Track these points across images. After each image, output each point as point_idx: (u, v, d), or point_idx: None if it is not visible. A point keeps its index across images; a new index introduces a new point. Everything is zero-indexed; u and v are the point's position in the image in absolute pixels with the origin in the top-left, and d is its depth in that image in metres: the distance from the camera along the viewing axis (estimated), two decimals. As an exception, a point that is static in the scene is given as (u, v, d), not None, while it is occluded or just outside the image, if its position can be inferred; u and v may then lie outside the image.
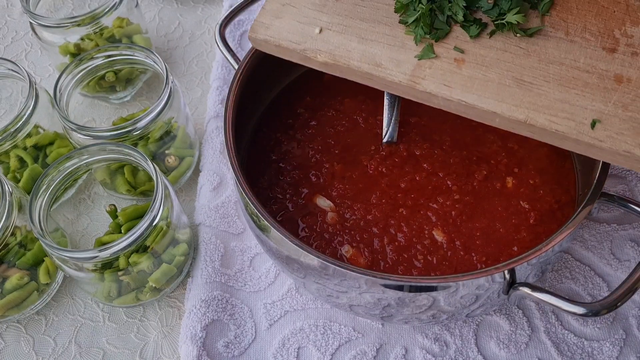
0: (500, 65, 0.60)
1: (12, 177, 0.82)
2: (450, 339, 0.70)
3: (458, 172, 0.71)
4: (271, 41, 0.66)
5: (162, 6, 1.10)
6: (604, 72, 0.58)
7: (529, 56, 0.60)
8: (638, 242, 0.75)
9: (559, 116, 0.57)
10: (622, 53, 0.58)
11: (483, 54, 0.61)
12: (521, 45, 0.60)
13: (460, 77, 0.60)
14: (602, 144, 0.55)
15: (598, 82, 0.57)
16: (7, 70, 0.83)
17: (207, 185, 0.83)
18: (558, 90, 0.58)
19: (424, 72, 0.61)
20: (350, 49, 0.63)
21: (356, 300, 0.61)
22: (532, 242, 0.65)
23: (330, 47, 0.63)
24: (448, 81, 0.60)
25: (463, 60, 0.60)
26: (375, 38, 0.63)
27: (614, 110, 0.56)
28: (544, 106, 0.57)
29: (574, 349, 0.68)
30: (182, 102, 0.82)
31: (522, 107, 0.58)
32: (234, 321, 0.72)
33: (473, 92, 0.59)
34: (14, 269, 0.73)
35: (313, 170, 0.73)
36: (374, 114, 0.76)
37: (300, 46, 0.64)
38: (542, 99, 0.58)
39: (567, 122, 0.56)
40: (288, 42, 0.65)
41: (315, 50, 0.64)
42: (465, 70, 0.60)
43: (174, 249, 0.74)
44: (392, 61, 0.62)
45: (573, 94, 0.57)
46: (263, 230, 0.63)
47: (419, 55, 0.61)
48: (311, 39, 0.64)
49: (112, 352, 0.73)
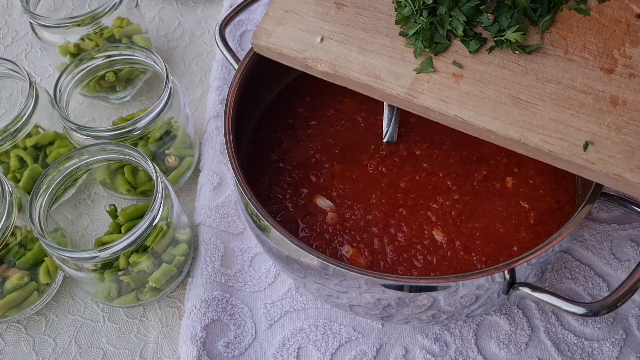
0: (497, 82, 0.60)
1: (12, 177, 0.82)
2: (450, 339, 0.70)
3: (458, 172, 0.71)
4: (273, 48, 0.66)
5: (162, 6, 1.10)
6: (600, 93, 0.57)
7: (527, 74, 0.59)
8: (638, 242, 0.75)
9: (553, 136, 0.57)
10: (620, 74, 0.58)
11: (481, 69, 0.60)
12: (519, 62, 0.60)
13: (458, 93, 0.60)
14: (594, 166, 0.56)
15: (594, 103, 0.57)
16: (7, 70, 0.83)
17: (207, 185, 0.83)
18: (553, 110, 0.58)
19: (422, 86, 0.61)
20: (351, 59, 0.63)
21: (356, 300, 0.61)
22: (532, 242, 0.65)
23: (330, 57, 0.64)
24: (445, 96, 0.60)
25: (461, 76, 0.60)
26: (375, 49, 0.63)
27: (607, 133, 0.56)
28: (539, 126, 0.58)
29: (574, 349, 0.68)
30: (182, 102, 0.82)
31: (517, 125, 0.58)
32: (234, 321, 0.72)
33: (469, 108, 0.59)
34: (14, 269, 0.73)
35: (313, 170, 0.73)
36: (374, 113, 0.76)
37: (301, 55, 0.65)
38: (537, 118, 0.58)
39: (560, 143, 0.57)
40: (289, 50, 0.65)
41: (316, 59, 0.64)
42: (463, 85, 0.60)
43: (174, 249, 0.74)
44: (391, 74, 0.62)
45: (568, 114, 0.57)
46: (263, 230, 0.63)
47: (418, 68, 0.62)
48: (312, 48, 0.65)
49: (112, 352, 0.73)
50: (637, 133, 0.55)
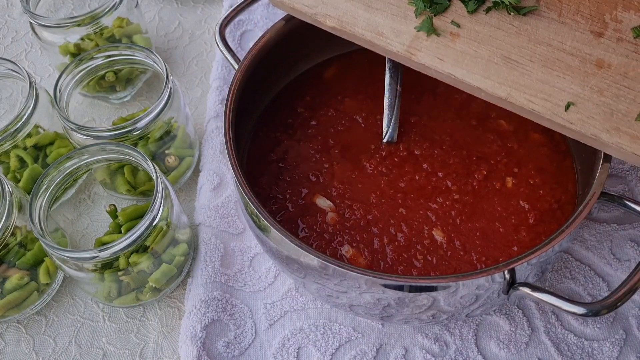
0: (491, 42, 0.62)
1: (12, 177, 0.82)
2: (450, 339, 0.70)
3: (458, 172, 0.71)
4: (287, 3, 0.70)
5: (162, 6, 1.10)
6: (587, 55, 0.59)
7: (520, 35, 0.62)
8: (638, 242, 0.75)
9: (538, 96, 0.60)
10: (608, 38, 0.59)
11: (477, 29, 0.63)
12: (514, 23, 0.62)
13: (453, 52, 0.63)
14: (572, 126, 0.58)
15: (580, 65, 0.59)
16: (7, 70, 0.83)
17: (207, 185, 0.83)
18: (541, 71, 0.60)
19: (420, 44, 0.63)
20: (357, 16, 0.66)
21: (356, 300, 0.61)
22: (532, 242, 0.65)
23: (338, 13, 0.67)
24: (441, 54, 0.63)
25: (458, 35, 0.63)
26: (380, 7, 0.66)
27: (590, 95, 0.58)
28: (526, 85, 0.60)
29: (574, 349, 0.68)
30: (182, 102, 0.82)
31: (505, 85, 0.61)
32: (234, 321, 0.72)
33: (463, 67, 0.62)
34: (14, 269, 0.73)
35: (313, 170, 0.73)
36: (374, 113, 0.76)
37: (312, 10, 0.68)
38: (525, 79, 0.60)
39: (543, 103, 0.59)
40: (301, 5, 0.69)
41: (324, 15, 0.67)
42: (459, 45, 0.63)
43: (174, 249, 0.74)
44: (393, 31, 0.65)
45: (554, 75, 0.60)
46: (263, 230, 0.63)
47: (418, 27, 0.64)
48: (322, 4, 0.68)
49: (112, 352, 0.73)
50: (618, 96, 0.58)
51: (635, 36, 0.59)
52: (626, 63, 0.58)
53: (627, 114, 0.57)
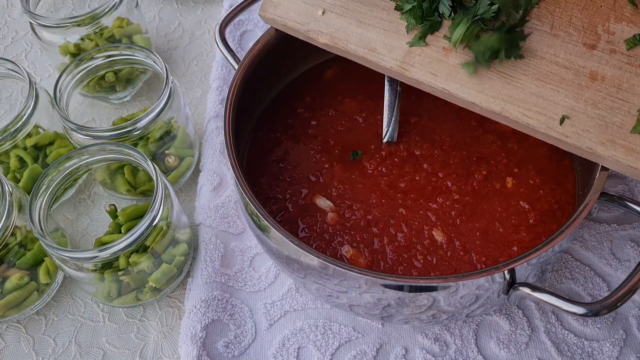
0: None
1: (12, 177, 0.82)
2: (450, 339, 0.70)
3: (458, 172, 0.71)
4: (279, 20, 0.70)
5: (162, 6, 1.10)
6: (580, 68, 0.59)
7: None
8: (638, 242, 0.75)
9: (532, 110, 0.60)
10: (601, 50, 0.59)
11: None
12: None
13: (446, 66, 0.63)
14: (568, 139, 0.59)
15: (573, 78, 0.59)
16: (7, 70, 0.83)
17: (207, 185, 0.83)
18: (534, 85, 0.60)
19: (413, 59, 0.64)
20: (349, 32, 0.66)
21: (356, 300, 0.61)
22: (532, 242, 0.65)
23: (330, 30, 0.67)
24: (434, 69, 0.63)
25: (450, 49, 0.63)
26: (372, 22, 0.66)
27: (584, 107, 0.58)
28: (519, 99, 0.60)
29: (574, 349, 0.68)
30: (182, 102, 0.82)
31: (499, 99, 0.61)
32: (234, 321, 0.72)
33: (456, 81, 0.62)
34: (14, 269, 0.73)
35: (313, 170, 0.73)
36: (374, 113, 0.76)
37: (304, 27, 0.68)
38: (519, 92, 0.60)
39: (538, 117, 0.60)
40: (294, 22, 0.69)
41: (317, 32, 0.68)
42: (452, 59, 0.63)
43: (174, 249, 0.74)
44: (386, 47, 0.65)
45: (548, 88, 0.60)
46: (263, 230, 0.63)
47: (410, 42, 0.64)
48: (314, 21, 0.68)
49: (112, 352, 0.73)
50: (612, 108, 0.58)
51: (629, 48, 0.59)
52: (620, 75, 0.58)
53: (622, 126, 0.57)
